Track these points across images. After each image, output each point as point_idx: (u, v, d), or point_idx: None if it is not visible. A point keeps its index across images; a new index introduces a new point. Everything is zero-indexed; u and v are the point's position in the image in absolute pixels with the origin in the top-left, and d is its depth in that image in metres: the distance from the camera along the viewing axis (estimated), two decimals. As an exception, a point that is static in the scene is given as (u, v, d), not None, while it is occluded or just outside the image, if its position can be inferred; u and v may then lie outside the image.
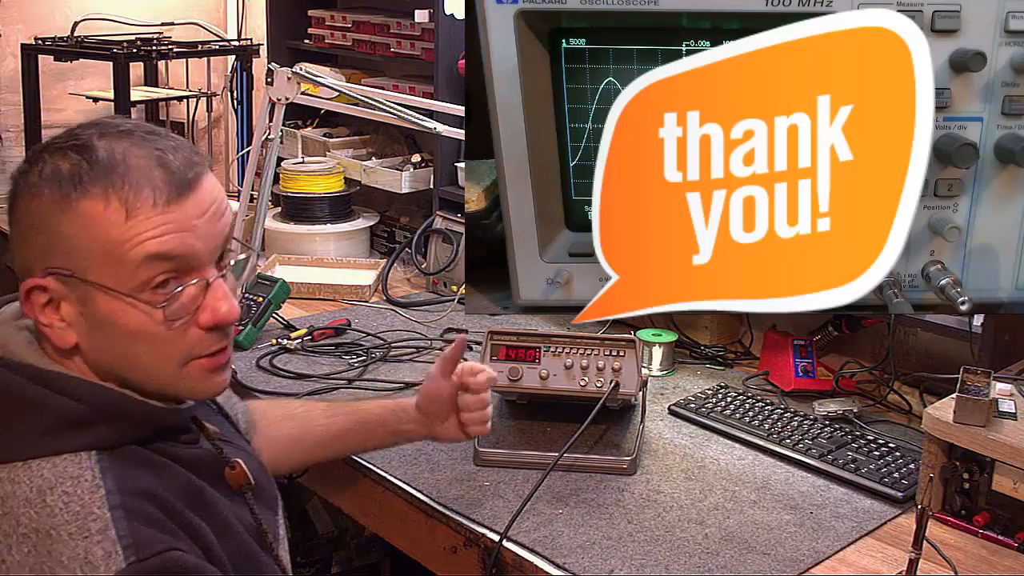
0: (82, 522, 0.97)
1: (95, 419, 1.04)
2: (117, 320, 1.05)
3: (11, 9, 3.35)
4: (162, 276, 1.04)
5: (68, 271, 1.04)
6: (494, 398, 1.89)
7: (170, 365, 1.08)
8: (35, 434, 1.02)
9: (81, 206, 1.02)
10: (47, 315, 1.06)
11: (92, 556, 0.96)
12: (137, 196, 1.02)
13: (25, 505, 0.99)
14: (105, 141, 1.04)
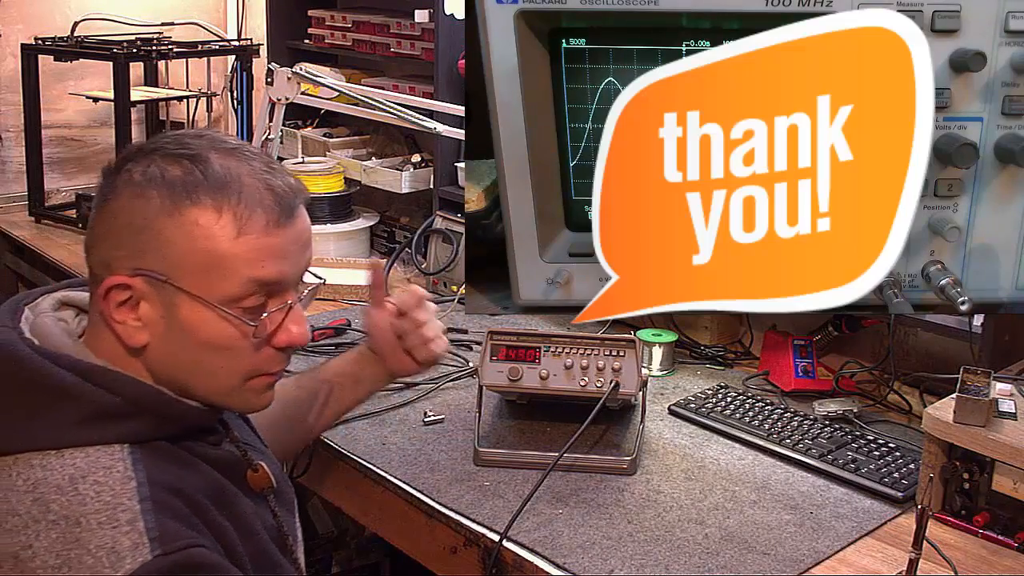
0: (112, 512, 0.99)
1: (129, 412, 1.06)
2: (200, 329, 1.08)
3: (11, 9, 3.35)
4: (256, 297, 1.09)
5: (162, 275, 1.06)
6: (494, 398, 1.89)
7: (236, 378, 1.12)
8: (69, 423, 1.04)
9: (191, 214, 1.05)
10: (122, 313, 1.08)
11: (119, 546, 0.97)
12: (251, 216, 1.06)
13: (56, 492, 1.00)
14: (217, 155, 1.07)
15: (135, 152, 1.09)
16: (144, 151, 1.09)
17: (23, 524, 0.99)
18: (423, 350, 1.55)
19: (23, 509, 1.00)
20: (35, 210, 3.25)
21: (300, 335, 1.14)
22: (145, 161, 1.07)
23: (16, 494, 1.01)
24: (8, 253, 3.29)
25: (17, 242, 3.16)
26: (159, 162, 1.07)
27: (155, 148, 1.08)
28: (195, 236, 1.05)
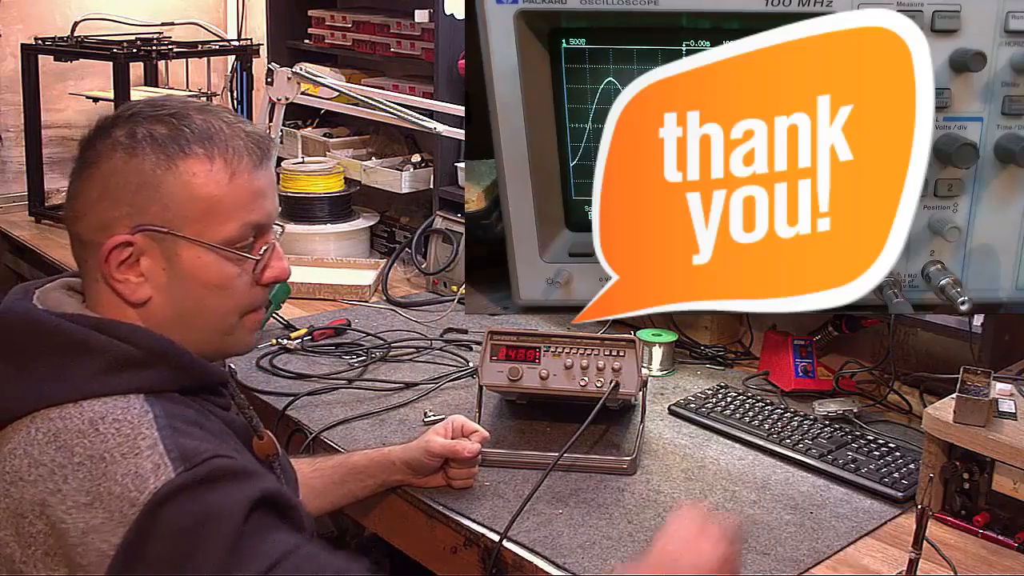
0: (132, 442, 1.03)
1: (145, 361, 1.10)
2: (202, 273, 1.14)
3: (11, 9, 3.35)
4: (250, 238, 1.16)
5: (163, 227, 1.12)
6: (494, 398, 1.89)
7: (234, 316, 1.19)
8: (87, 375, 1.08)
9: (185, 165, 1.11)
10: (123, 272, 1.13)
11: (142, 469, 1.00)
12: (239, 161, 1.13)
13: (79, 436, 1.04)
14: (195, 111, 1.14)
15: (113, 120, 1.14)
16: (123, 118, 1.14)
17: (48, 472, 1.03)
18: (464, 483, 1.62)
19: (47, 459, 1.03)
20: (35, 210, 3.25)
21: (286, 269, 1.21)
22: (128, 125, 1.12)
23: (37, 446, 1.05)
24: (8, 253, 3.29)
25: (17, 242, 3.15)
26: (144, 124, 1.12)
27: (134, 113, 1.14)
28: (192, 185, 1.12)
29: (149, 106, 1.14)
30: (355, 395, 1.97)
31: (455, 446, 1.58)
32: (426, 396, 1.97)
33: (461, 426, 1.62)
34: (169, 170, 1.11)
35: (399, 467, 1.60)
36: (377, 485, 1.62)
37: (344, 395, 1.97)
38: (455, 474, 1.61)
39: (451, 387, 2.01)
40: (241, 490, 1.03)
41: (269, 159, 1.18)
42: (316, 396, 1.95)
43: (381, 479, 1.61)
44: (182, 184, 1.11)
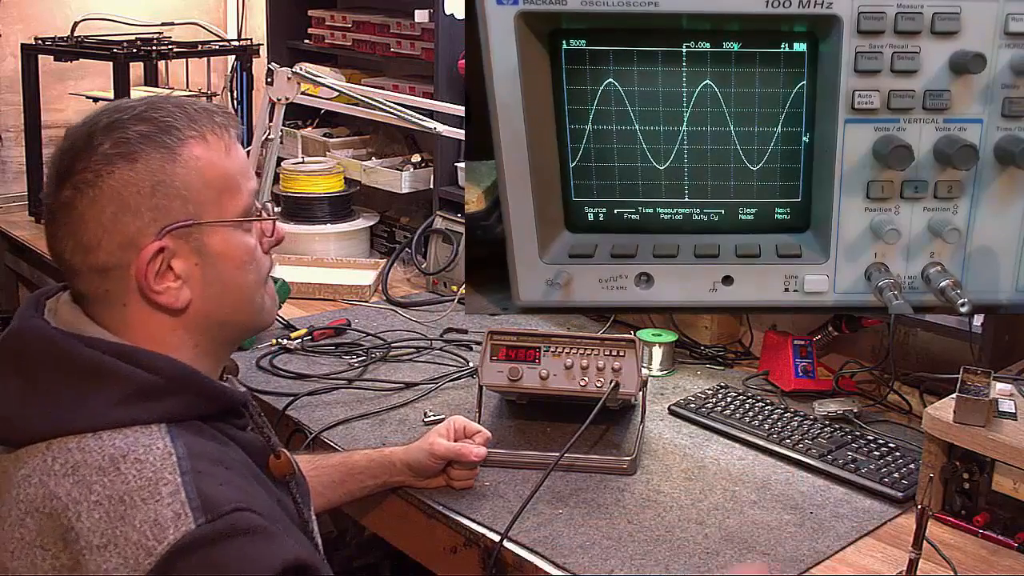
0: (154, 487, 0.99)
1: (166, 390, 1.07)
2: (233, 252, 1.13)
3: (11, 9, 3.35)
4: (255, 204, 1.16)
5: (187, 220, 1.10)
6: (494, 398, 1.89)
7: (260, 287, 1.18)
8: (107, 404, 1.04)
9: (185, 151, 1.09)
10: (161, 281, 1.10)
11: (161, 518, 0.97)
12: (225, 132, 1.14)
13: (99, 473, 1.00)
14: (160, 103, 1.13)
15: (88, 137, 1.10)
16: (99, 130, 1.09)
17: (63, 507, 1.00)
18: (465, 484, 1.63)
19: (63, 492, 1.00)
20: (35, 210, 3.25)
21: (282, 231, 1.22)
22: (112, 134, 1.08)
23: (54, 478, 1.01)
24: (8, 253, 3.30)
25: (17, 242, 3.16)
26: (128, 128, 1.09)
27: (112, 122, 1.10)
28: (201, 168, 1.10)
29: (116, 112, 1.11)
30: (355, 395, 1.97)
31: (461, 448, 1.58)
32: (426, 396, 1.97)
33: (463, 427, 1.62)
34: (175, 161, 1.09)
35: (400, 468, 1.60)
36: (377, 486, 1.62)
37: (344, 395, 1.97)
38: (457, 475, 1.61)
39: (451, 387, 2.02)
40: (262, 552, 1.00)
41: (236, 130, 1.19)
42: (316, 396, 1.96)
43: (382, 480, 1.61)
44: (192, 171, 1.10)
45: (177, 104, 1.13)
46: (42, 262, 3.01)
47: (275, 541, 1.02)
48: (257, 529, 1.01)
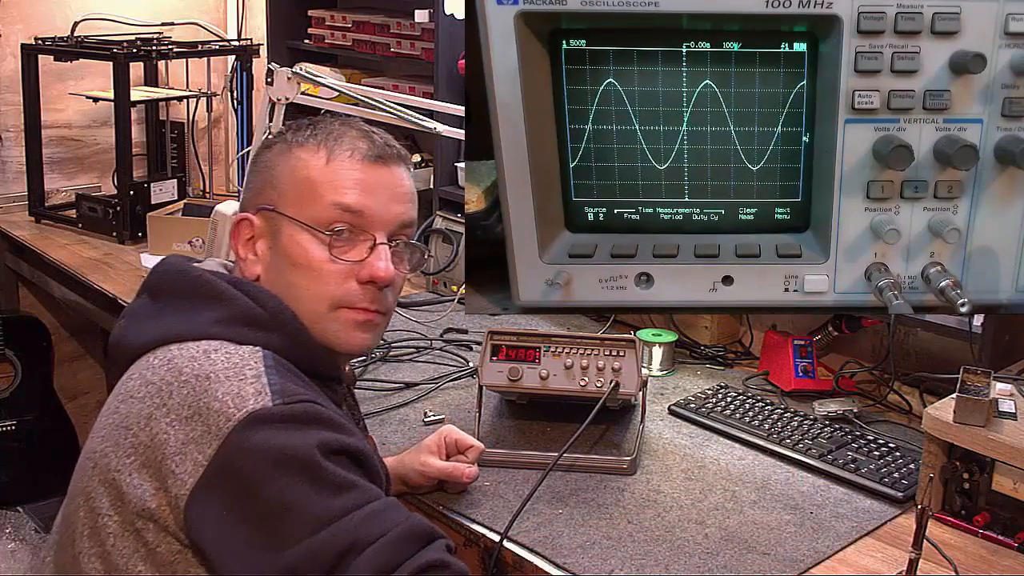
0: (239, 369, 1.11)
1: (267, 323, 1.18)
2: (293, 250, 1.23)
3: (11, 9, 3.35)
4: (341, 224, 1.23)
5: (272, 206, 1.25)
6: (494, 398, 1.89)
7: (323, 304, 1.23)
8: (212, 320, 1.17)
9: (297, 151, 1.26)
10: (245, 248, 1.27)
11: (244, 392, 1.08)
12: (341, 151, 1.25)
13: (190, 360, 1.12)
14: (338, 123, 1.30)
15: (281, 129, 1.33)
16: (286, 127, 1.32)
17: (156, 390, 1.10)
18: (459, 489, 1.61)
19: (157, 378, 1.13)
20: (35, 210, 3.25)
21: (383, 271, 1.24)
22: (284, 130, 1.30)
23: (152, 369, 1.14)
24: (8, 253, 3.29)
25: (17, 242, 3.15)
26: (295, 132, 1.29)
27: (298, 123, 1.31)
28: (296, 167, 1.25)
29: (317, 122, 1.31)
30: (355, 395, 1.97)
31: (453, 471, 1.57)
32: (426, 396, 1.97)
33: (455, 441, 1.59)
34: (284, 156, 1.26)
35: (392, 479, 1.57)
36: None
37: (344, 395, 1.97)
38: (451, 487, 1.60)
39: (451, 387, 2.02)
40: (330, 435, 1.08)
41: (384, 161, 1.28)
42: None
43: None
44: (289, 167, 1.26)
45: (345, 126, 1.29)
46: (42, 262, 3.01)
47: (342, 430, 1.11)
48: (327, 420, 1.10)
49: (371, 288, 1.25)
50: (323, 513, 1.04)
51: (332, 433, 1.09)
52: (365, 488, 1.09)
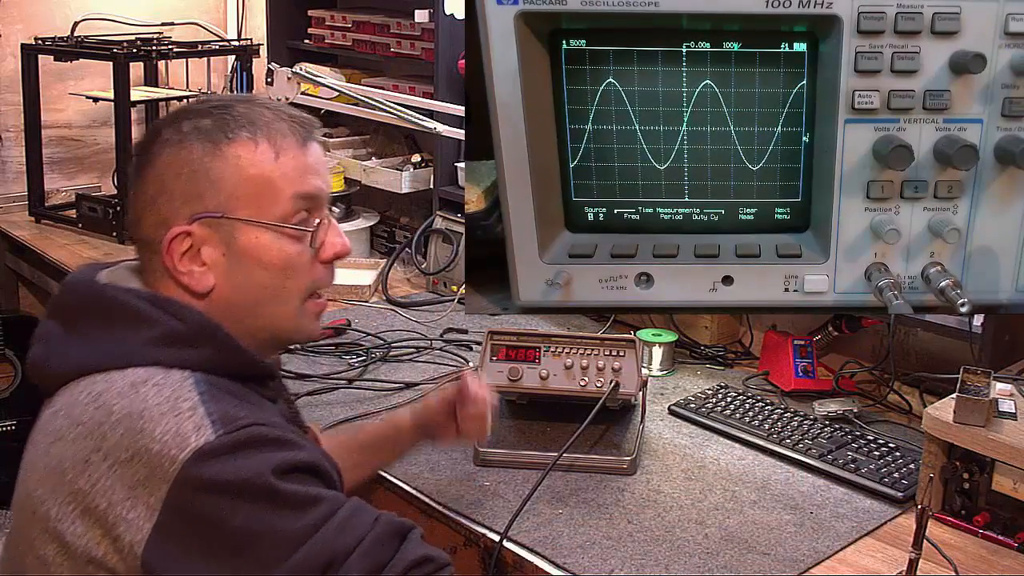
0: (173, 403, 1.06)
1: (193, 340, 1.12)
2: (262, 253, 1.16)
3: (11, 9, 3.35)
4: (301, 214, 1.18)
5: (218, 212, 1.15)
6: (493, 398, 1.89)
7: (297, 298, 1.20)
8: (135, 344, 1.11)
9: (231, 149, 1.15)
10: (186, 263, 1.16)
11: (183, 429, 1.03)
12: (283, 139, 1.17)
13: (118, 396, 1.07)
14: (238, 103, 1.19)
15: (161, 122, 1.19)
16: (170, 118, 1.19)
17: (88, 431, 1.06)
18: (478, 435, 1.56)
19: (87, 417, 1.06)
20: (35, 210, 3.25)
21: (344, 245, 1.22)
22: (175, 123, 1.17)
23: (79, 407, 1.08)
24: (8, 253, 3.29)
25: (17, 242, 3.15)
26: (190, 119, 1.17)
27: (180, 111, 1.19)
28: (241, 167, 1.15)
29: (196, 103, 1.20)
30: (355, 395, 1.97)
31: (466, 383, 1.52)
32: (426, 396, 1.97)
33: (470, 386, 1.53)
34: (216, 157, 1.15)
35: (409, 431, 1.57)
36: (392, 450, 1.59)
37: (344, 395, 1.97)
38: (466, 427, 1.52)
39: (451, 387, 2.01)
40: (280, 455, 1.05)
41: (313, 138, 1.21)
42: (316, 396, 1.96)
43: (394, 444, 1.58)
44: (231, 168, 1.15)
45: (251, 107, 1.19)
46: (42, 262, 3.01)
47: (291, 446, 1.08)
48: (274, 440, 1.06)
49: (331, 267, 1.23)
50: (294, 534, 1.03)
51: (282, 452, 1.06)
52: (328, 498, 1.07)
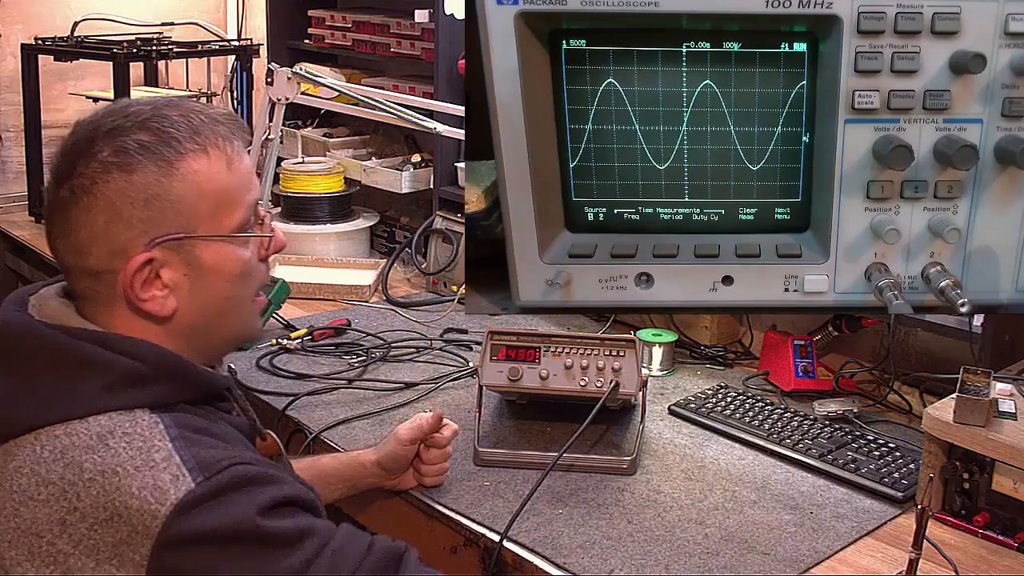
0: (146, 455, 1.01)
1: (151, 377, 1.08)
2: (225, 265, 1.13)
3: (11, 9, 3.35)
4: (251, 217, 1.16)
5: (179, 233, 1.09)
6: (494, 398, 1.89)
7: (251, 301, 1.19)
8: (92, 392, 1.05)
9: (185, 165, 1.09)
10: (148, 289, 1.10)
11: (160, 482, 0.99)
12: (230, 144, 1.13)
13: (87, 452, 1.02)
14: (167, 110, 1.11)
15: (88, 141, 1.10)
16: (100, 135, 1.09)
17: (60, 491, 1.01)
18: (435, 480, 1.61)
19: (55, 477, 1.02)
20: (35, 210, 3.25)
21: (282, 240, 1.22)
22: (112, 141, 1.08)
23: (44, 464, 1.02)
24: (8, 253, 3.30)
25: (17, 242, 3.16)
26: (128, 136, 1.08)
27: (112, 128, 1.09)
28: (199, 183, 1.10)
29: (121, 117, 1.10)
30: (355, 395, 1.97)
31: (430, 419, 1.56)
32: (426, 396, 1.97)
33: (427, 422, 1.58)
34: (172, 175, 1.08)
35: (370, 469, 1.57)
36: (347, 489, 1.59)
37: (344, 395, 1.97)
38: (427, 470, 1.59)
39: (451, 387, 2.02)
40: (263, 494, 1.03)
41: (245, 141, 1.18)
42: (316, 396, 1.96)
43: (351, 483, 1.58)
44: (189, 185, 1.09)
45: (183, 112, 1.12)
46: (42, 262, 3.01)
47: (272, 481, 1.05)
48: (256, 477, 1.03)
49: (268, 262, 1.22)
50: (289, 572, 1.02)
51: (265, 490, 1.03)
52: (318, 529, 1.06)
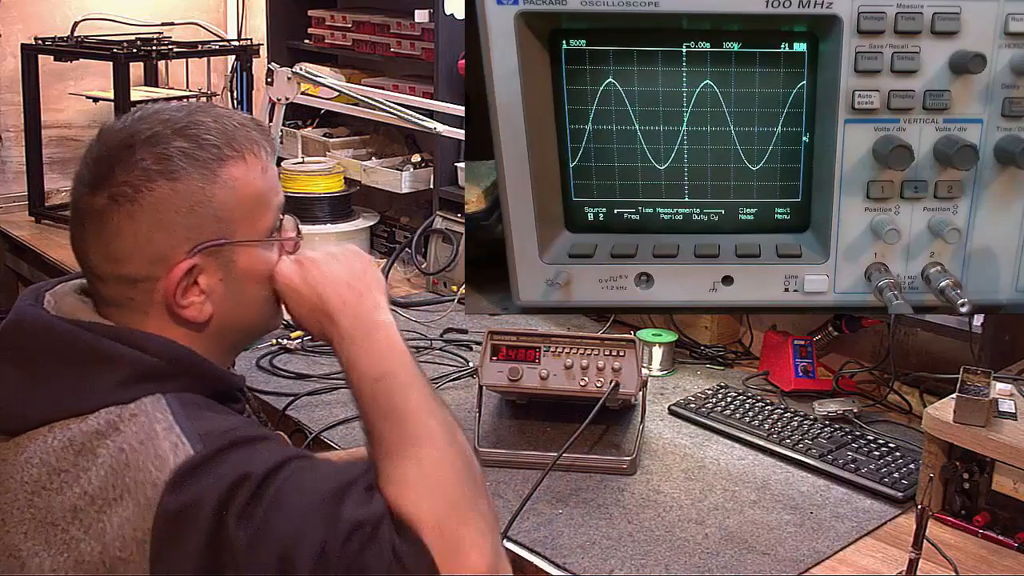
0: (149, 428, 1.02)
1: (166, 373, 1.08)
2: (257, 268, 1.14)
3: (11, 9, 3.35)
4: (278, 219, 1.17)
5: (220, 239, 1.11)
6: (494, 398, 1.89)
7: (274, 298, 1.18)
8: (109, 386, 1.05)
9: (225, 171, 1.10)
10: (188, 296, 1.11)
11: (161, 451, 1.00)
12: (261, 150, 1.14)
13: (99, 437, 1.03)
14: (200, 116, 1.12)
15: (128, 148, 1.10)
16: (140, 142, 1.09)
17: (73, 478, 1.02)
18: None
19: (67, 464, 1.02)
20: (35, 210, 3.25)
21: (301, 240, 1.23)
22: (153, 148, 1.09)
23: (54, 454, 1.03)
24: (8, 253, 3.29)
25: (17, 242, 3.16)
26: (170, 143, 1.09)
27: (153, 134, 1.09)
28: (237, 188, 1.11)
29: (158, 123, 1.11)
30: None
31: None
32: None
33: None
34: (214, 183, 1.10)
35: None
36: None
37: (344, 395, 1.97)
38: None
39: (451, 387, 2.02)
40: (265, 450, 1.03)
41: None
42: (316, 396, 1.96)
43: None
44: (229, 191, 1.10)
45: (215, 118, 1.13)
46: (42, 262, 3.01)
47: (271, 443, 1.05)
48: (255, 436, 1.04)
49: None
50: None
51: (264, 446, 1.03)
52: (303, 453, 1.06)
